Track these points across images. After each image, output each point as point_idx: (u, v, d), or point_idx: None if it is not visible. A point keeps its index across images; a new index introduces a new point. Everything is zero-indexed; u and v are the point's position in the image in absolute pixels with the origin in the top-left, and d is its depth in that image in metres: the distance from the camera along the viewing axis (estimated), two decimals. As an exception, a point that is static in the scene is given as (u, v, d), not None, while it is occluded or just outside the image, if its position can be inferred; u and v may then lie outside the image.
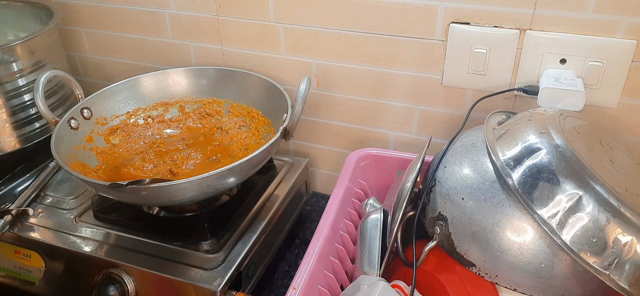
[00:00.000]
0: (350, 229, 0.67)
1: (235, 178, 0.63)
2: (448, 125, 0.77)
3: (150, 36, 0.90)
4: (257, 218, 0.71)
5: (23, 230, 0.70)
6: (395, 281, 0.55)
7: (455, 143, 0.61)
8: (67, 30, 0.97)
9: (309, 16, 0.76)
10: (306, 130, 0.87)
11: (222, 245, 0.65)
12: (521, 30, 0.66)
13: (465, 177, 0.55)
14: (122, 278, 0.63)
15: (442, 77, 0.73)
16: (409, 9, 0.70)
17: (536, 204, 0.48)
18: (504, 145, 0.54)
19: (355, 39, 0.75)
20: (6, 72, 0.78)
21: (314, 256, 0.58)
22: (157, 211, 0.73)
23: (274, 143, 0.65)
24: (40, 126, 0.84)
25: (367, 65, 0.77)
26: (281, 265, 0.79)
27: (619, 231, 0.46)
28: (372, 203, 0.66)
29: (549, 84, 0.63)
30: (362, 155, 0.76)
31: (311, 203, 0.91)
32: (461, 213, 0.54)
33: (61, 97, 0.86)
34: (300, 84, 0.67)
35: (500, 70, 0.69)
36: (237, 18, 0.81)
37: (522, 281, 0.50)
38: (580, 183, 0.48)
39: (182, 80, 0.84)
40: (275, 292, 0.74)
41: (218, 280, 0.60)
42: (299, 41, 0.79)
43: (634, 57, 0.62)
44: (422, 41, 0.71)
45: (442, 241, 0.55)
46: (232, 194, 0.75)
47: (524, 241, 0.49)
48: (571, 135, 0.53)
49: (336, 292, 0.60)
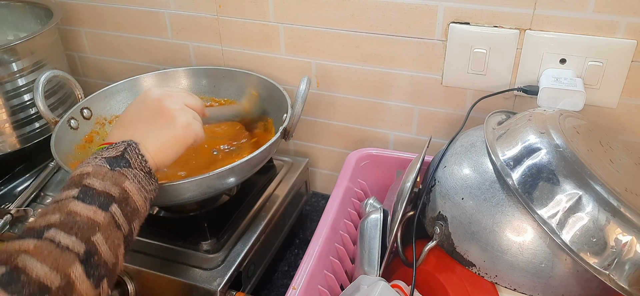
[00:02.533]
0: (350, 229, 0.67)
1: (235, 178, 0.63)
2: (448, 125, 0.77)
3: (150, 36, 0.90)
4: (257, 218, 0.71)
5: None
6: (395, 281, 0.55)
7: (455, 143, 0.61)
8: (67, 30, 0.97)
9: (309, 16, 0.76)
10: (306, 130, 0.87)
11: (222, 245, 0.65)
12: (521, 30, 0.66)
13: (465, 176, 0.55)
14: (122, 278, 0.63)
15: (442, 77, 0.73)
16: (408, 8, 0.70)
17: (536, 204, 0.48)
18: (504, 145, 0.54)
19: (355, 39, 0.75)
20: (6, 72, 0.78)
21: (314, 256, 0.58)
22: (157, 211, 0.73)
23: (273, 143, 0.65)
24: (40, 126, 0.84)
25: (367, 65, 0.77)
26: (281, 265, 0.79)
27: (618, 231, 0.46)
28: (372, 203, 0.66)
29: (549, 84, 0.63)
30: (362, 155, 0.76)
31: (311, 203, 0.91)
32: (461, 213, 0.54)
33: (61, 97, 0.86)
34: (300, 84, 0.67)
35: (500, 70, 0.69)
36: (237, 18, 0.81)
37: (522, 281, 0.50)
38: (580, 183, 0.48)
39: (182, 80, 0.84)
40: (275, 292, 0.74)
41: (218, 280, 0.60)
42: (299, 41, 0.79)
43: (633, 57, 0.62)
44: (422, 41, 0.71)
45: (442, 241, 0.55)
46: (232, 194, 0.75)
47: (523, 241, 0.49)
48: (571, 135, 0.53)
49: (336, 292, 0.60)
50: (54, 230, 0.41)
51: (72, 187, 0.46)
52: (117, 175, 0.47)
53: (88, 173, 0.47)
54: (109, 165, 0.48)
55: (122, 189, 0.47)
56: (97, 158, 0.49)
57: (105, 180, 0.46)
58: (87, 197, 0.45)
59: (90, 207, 0.44)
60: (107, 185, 0.46)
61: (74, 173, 0.48)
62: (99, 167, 0.47)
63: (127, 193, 0.47)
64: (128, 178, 0.48)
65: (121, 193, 0.47)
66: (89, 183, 0.46)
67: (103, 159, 0.48)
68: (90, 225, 0.43)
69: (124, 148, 0.50)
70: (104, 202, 0.45)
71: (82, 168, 0.48)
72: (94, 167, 0.47)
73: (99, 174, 0.47)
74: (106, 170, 0.47)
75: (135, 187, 0.48)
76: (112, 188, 0.46)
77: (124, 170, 0.48)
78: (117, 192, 0.46)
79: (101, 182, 0.46)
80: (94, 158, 0.49)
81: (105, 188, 0.46)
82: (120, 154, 0.49)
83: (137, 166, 0.49)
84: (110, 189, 0.46)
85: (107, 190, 0.46)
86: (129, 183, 0.48)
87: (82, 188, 0.45)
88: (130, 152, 0.50)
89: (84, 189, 0.45)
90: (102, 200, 0.45)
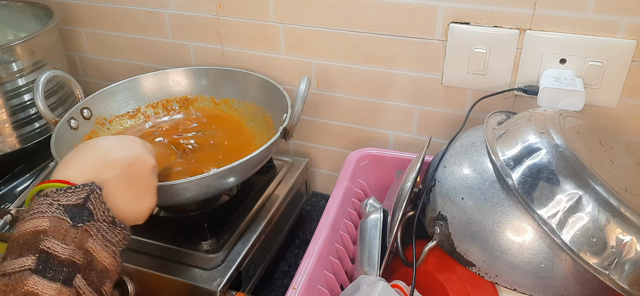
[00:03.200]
0: (350, 229, 0.67)
1: (235, 178, 0.63)
2: (448, 125, 0.77)
3: (150, 36, 0.90)
4: (257, 218, 0.71)
5: (23, 230, 0.70)
6: (395, 281, 0.55)
7: (455, 143, 0.61)
8: (67, 30, 0.97)
9: (309, 16, 0.76)
10: (306, 130, 0.87)
11: (222, 245, 0.65)
12: (521, 30, 0.66)
13: (465, 176, 0.55)
14: (122, 278, 0.63)
15: (442, 77, 0.73)
16: (408, 8, 0.70)
17: (536, 204, 0.48)
18: (504, 145, 0.54)
19: (355, 39, 0.75)
20: (6, 72, 0.78)
21: (314, 256, 0.58)
22: (157, 211, 0.73)
23: (273, 143, 0.65)
24: (40, 126, 0.84)
25: (367, 65, 0.77)
26: (281, 265, 0.79)
27: (618, 231, 0.46)
28: (372, 203, 0.66)
29: (549, 84, 0.63)
30: (362, 155, 0.76)
31: (311, 203, 0.91)
32: (461, 213, 0.54)
33: (61, 97, 0.86)
34: (300, 84, 0.67)
35: (500, 70, 0.69)
36: (237, 18, 0.81)
37: (522, 281, 0.50)
38: (580, 183, 0.48)
39: (182, 80, 0.84)
40: (275, 292, 0.74)
41: (218, 280, 0.60)
42: (298, 41, 0.79)
43: (633, 57, 0.62)
44: (422, 41, 0.71)
45: (442, 241, 0.55)
46: (232, 194, 0.75)
47: (523, 241, 0.49)
48: (571, 135, 0.53)
49: (336, 292, 0.60)
50: None
51: (26, 252, 0.36)
52: (81, 233, 0.39)
53: (45, 231, 0.37)
54: (71, 219, 0.39)
55: (85, 251, 0.39)
56: (53, 205, 0.39)
57: (67, 242, 0.38)
58: (47, 270, 0.36)
59: (53, 285, 0.36)
60: (70, 250, 0.37)
61: (24, 228, 0.38)
62: (58, 220, 0.38)
63: (92, 256, 0.39)
64: (91, 235, 0.40)
65: (85, 257, 0.38)
66: (48, 248, 0.37)
67: (61, 209, 0.39)
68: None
69: (87, 194, 0.41)
70: (67, 274, 0.37)
71: (34, 222, 0.38)
72: (51, 219, 0.38)
73: (59, 233, 0.38)
74: (67, 226, 0.38)
75: (99, 244, 0.40)
76: (76, 254, 0.38)
77: (88, 226, 0.40)
78: (81, 257, 0.38)
79: (63, 246, 0.37)
80: (48, 205, 0.39)
81: (69, 255, 0.37)
82: (82, 202, 0.40)
83: (100, 217, 0.41)
84: (74, 255, 0.38)
85: (72, 257, 0.37)
86: (92, 242, 0.39)
87: (40, 256, 0.36)
88: (94, 200, 0.41)
89: (43, 257, 0.36)
90: (65, 273, 0.37)
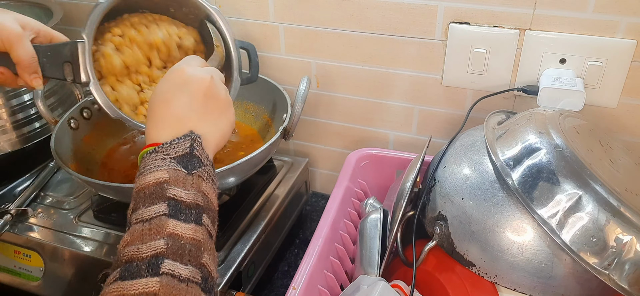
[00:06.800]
0: (350, 229, 0.67)
1: (234, 178, 0.63)
2: (448, 125, 0.77)
3: (150, 36, 0.90)
4: (257, 218, 0.71)
5: (23, 230, 0.70)
6: (395, 281, 0.55)
7: (455, 143, 0.61)
8: (67, 30, 0.97)
9: (309, 16, 0.76)
10: (306, 130, 0.87)
11: (221, 245, 0.65)
12: (521, 30, 0.66)
13: (465, 176, 0.55)
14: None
15: (442, 76, 0.73)
16: (408, 8, 0.70)
17: (536, 204, 0.48)
18: (504, 145, 0.54)
19: (355, 39, 0.75)
20: (6, 72, 0.78)
21: (314, 256, 0.58)
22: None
23: (273, 143, 0.65)
24: (40, 126, 0.84)
25: (367, 65, 0.77)
26: (281, 265, 0.79)
27: (618, 231, 0.46)
28: (372, 203, 0.66)
29: (549, 84, 0.63)
30: (362, 155, 0.76)
31: (311, 203, 0.91)
32: (461, 213, 0.54)
33: (61, 97, 0.86)
34: (300, 84, 0.67)
35: (500, 70, 0.69)
36: (237, 18, 0.81)
37: (521, 281, 0.50)
38: (580, 183, 0.48)
39: (182, 80, 0.84)
40: (275, 292, 0.74)
41: (218, 280, 0.60)
42: (298, 41, 0.79)
43: (633, 57, 0.62)
44: (422, 41, 0.71)
45: (442, 241, 0.55)
46: (232, 194, 0.75)
47: (523, 241, 0.49)
48: (571, 135, 0.53)
49: (336, 292, 0.60)
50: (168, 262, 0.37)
51: (156, 200, 0.40)
52: (196, 179, 0.42)
53: (167, 181, 0.41)
54: (184, 168, 0.42)
55: (203, 194, 0.42)
56: (165, 159, 0.42)
57: (188, 188, 0.41)
58: (179, 213, 0.40)
59: (189, 225, 0.39)
60: (193, 195, 0.41)
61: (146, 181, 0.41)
62: (174, 171, 0.42)
63: (208, 198, 0.43)
64: (203, 180, 0.43)
65: (204, 199, 0.42)
66: (174, 195, 0.40)
67: (173, 161, 0.42)
68: (196, 247, 0.39)
69: (191, 143, 0.44)
70: (197, 215, 0.40)
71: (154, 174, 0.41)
72: (168, 171, 0.41)
73: (178, 181, 0.41)
74: (183, 175, 0.42)
75: (210, 186, 0.44)
76: (198, 197, 0.41)
77: (200, 171, 0.43)
78: (201, 199, 0.42)
79: (186, 191, 0.41)
80: (162, 159, 0.42)
81: (193, 199, 0.41)
82: (189, 151, 0.43)
83: (205, 162, 0.44)
84: (197, 199, 0.41)
85: (196, 200, 0.41)
86: (205, 185, 0.43)
87: (169, 203, 0.40)
88: (197, 147, 0.44)
89: (172, 203, 0.40)
90: (194, 214, 0.40)
